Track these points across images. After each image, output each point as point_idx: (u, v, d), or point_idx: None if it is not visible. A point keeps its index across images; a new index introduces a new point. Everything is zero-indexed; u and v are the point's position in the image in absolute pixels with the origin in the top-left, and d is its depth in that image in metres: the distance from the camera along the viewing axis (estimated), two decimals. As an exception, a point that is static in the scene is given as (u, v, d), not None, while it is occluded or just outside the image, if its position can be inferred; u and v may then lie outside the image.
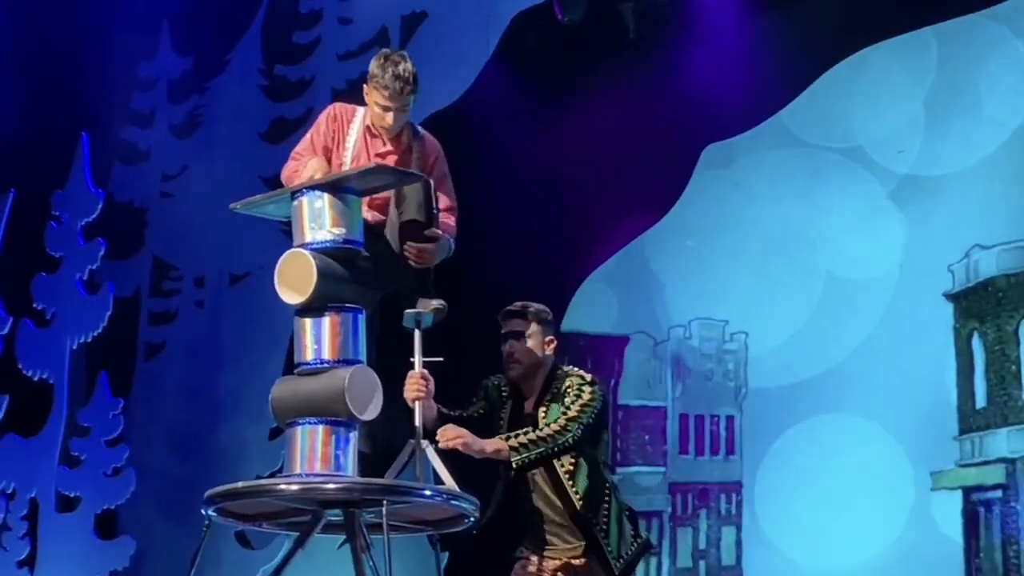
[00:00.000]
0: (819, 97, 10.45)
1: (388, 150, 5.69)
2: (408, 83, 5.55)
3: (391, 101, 5.57)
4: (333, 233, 5.24)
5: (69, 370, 11.61)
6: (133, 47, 12.17)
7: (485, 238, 10.77)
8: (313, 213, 5.26)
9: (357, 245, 5.31)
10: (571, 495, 5.54)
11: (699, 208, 10.73)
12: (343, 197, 5.28)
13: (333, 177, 5.36)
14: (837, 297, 10.09)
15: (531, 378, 5.72)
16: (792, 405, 10.16)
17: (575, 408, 5.52)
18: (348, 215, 5.29)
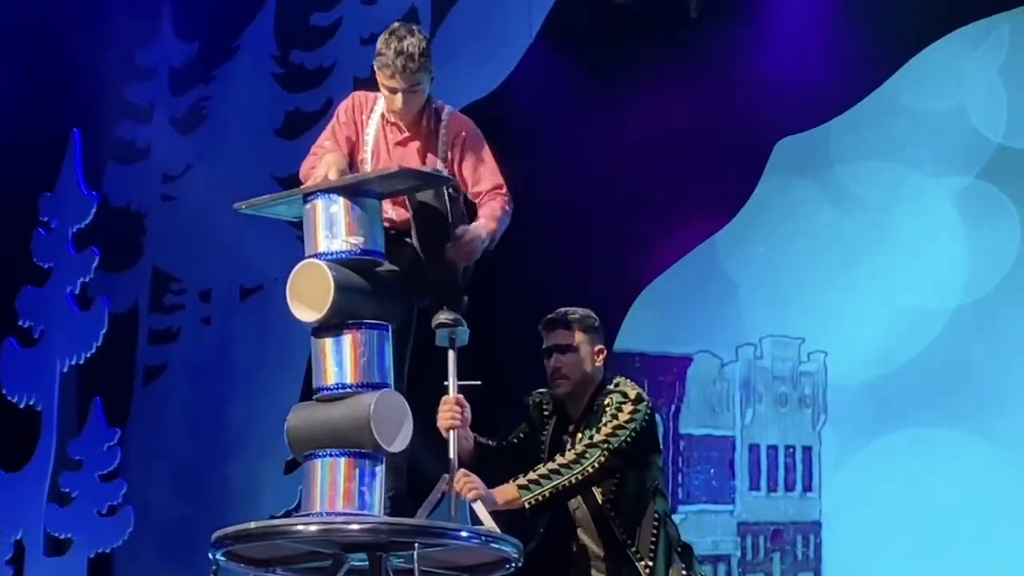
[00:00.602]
0: (908, 85, 10.45)
1: (407, 137, 5.70)
2: (412, 59, 5.51)
3: (396, 81, 5.54)
4: (350, 242, 5.24)
5: (59, 396, 11.64)
6: (130, 31, 12.20)
7: (528, 245, 10.77)
8: (328, 219, 5.26)
9: (377, 255, 5.31)
10: (613, 526, 5.53)
11: (771, 211, 10.73)
12: (361, 202, 5.28)
13: (351, 180, 5.36)
14: (931, 310, 10.07)
15: (581, 395, 5.70)
16: (879, 434, 10.15)
17: (605, 430, 5.49)
18: (367, 222, 5.29)
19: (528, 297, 10.41)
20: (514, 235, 10.51)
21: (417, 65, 5.51)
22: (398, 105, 5.60)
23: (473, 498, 5.27)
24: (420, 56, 5.52)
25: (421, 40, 5.57)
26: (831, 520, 10.34)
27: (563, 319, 5.77)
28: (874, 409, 10.21)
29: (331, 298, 5.11)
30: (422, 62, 5.54)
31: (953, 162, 10.24)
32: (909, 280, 10.19)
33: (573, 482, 5.38)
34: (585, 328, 5.75)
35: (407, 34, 5.55)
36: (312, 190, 5.34)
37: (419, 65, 5.52)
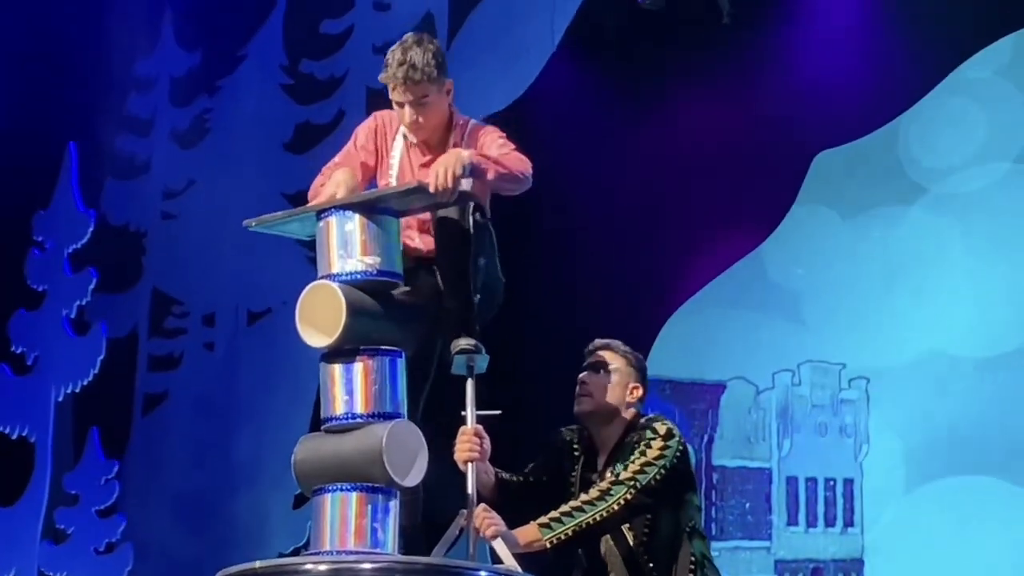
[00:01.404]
0: (957, 93, 10.45)
1: (430, 159, 5.60)
2: (415, 69, 5.46)
3: (401, 94, 5.50)
4: (365, 262, 5.21)
5: (54, 426, 11.67)
6: (129, 39, 12.27)
7: (551, 265, 10.80)
8: (343, 238, 5.23)
9: (395, 277, 5.28)
10: (647, 570, 5.51)
11: (810, 228, 10.72)
12: (379, 220, 5.25)
13: (368, 196, 5.35)
14: (979, 336, 10.05)
15: (604, 424, 5.67)
16: (924, 466, 10.12)
17: (633, 467, 5.46)
18: (384, 241, 5.25)
19: (553, 321, 10.44)
20: (538, 255, 10.58)
21: (420, 75, 5.46)
22: (408, 120, 5.57)
23: (492, 536, 5.25)
24: (425, 66, 5.47)
25: (428, 49, 5.51)
26: (874, 558, 10.32)
27: (609, 344, 5.80)
28: (920, 438, 10.19)
29: (343, 322, 5.07)
30: (427, 72, 5.48)
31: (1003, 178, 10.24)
32: (958, 299, 10.17)
33: (597, 519, 5.36)
34: (630, 362, 5.75)
35: (414, 44, 5.51)
36: (327, 206, 5.32)
37: (423, 75, 5.47)
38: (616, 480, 5.43)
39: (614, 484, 5.42)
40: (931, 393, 10.13)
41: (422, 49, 5.48)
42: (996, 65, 10.38)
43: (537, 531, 5.30)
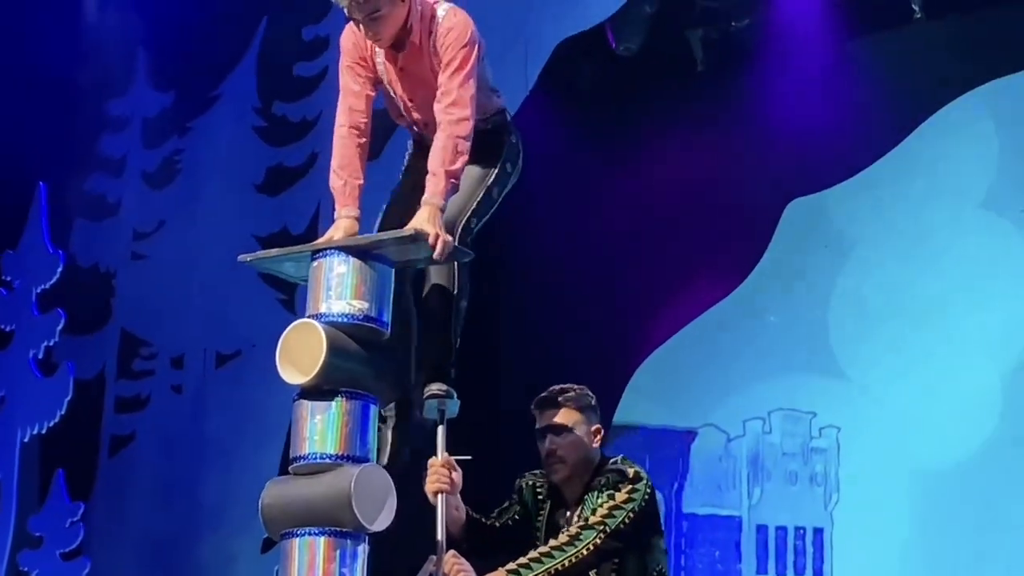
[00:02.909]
0: (927, 143, 10.50)
1: (404, 64, 5.54)
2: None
3: (353, 12, 5.38)
4: (353, 306, 5.21)
5: (19, 467, 11.63)
6: (101, 80, 12.27)
7: (523, 311, 10.80)
8: (333, 279, 5.23)
9: (380, 324, 5.26)
10: (614, 614, 5.51)
11: (782, 276, 10.76)
12: (373, 266, 5.25)
13: (365, 240, 5.33)
14: (952, 382, 10.07)
15: (578, 478, 5.67)
16: (894, 514, 10.13)
17: (601, 511, 5.44)
18: (375, 288, 5.25)
19: (526, 366, 10.44)
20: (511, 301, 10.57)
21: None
22: (366, 34, 5.47)
23: (461, 584, 5.25)
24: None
25: None
26: (845, 607, 10.34)
27: (556, 398, 5.70)
28: (890, 487, 10.20)
29: (322, 361, 5.06)
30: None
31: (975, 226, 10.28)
32: (930, 345, 10.20)
33: (567, 564, 5.34)
34: (581, 407, 5.70)
35: None
36: (322, 247, 5.31)
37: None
38: (585, 525, 5.42)
39: (583, 529, 5.41)
40: (902, 443, 10.16)
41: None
42: (967, 115, 10.44)
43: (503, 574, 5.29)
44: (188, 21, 11.88)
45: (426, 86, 5.51)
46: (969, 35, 10.50)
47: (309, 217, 10.95)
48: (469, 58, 5.44)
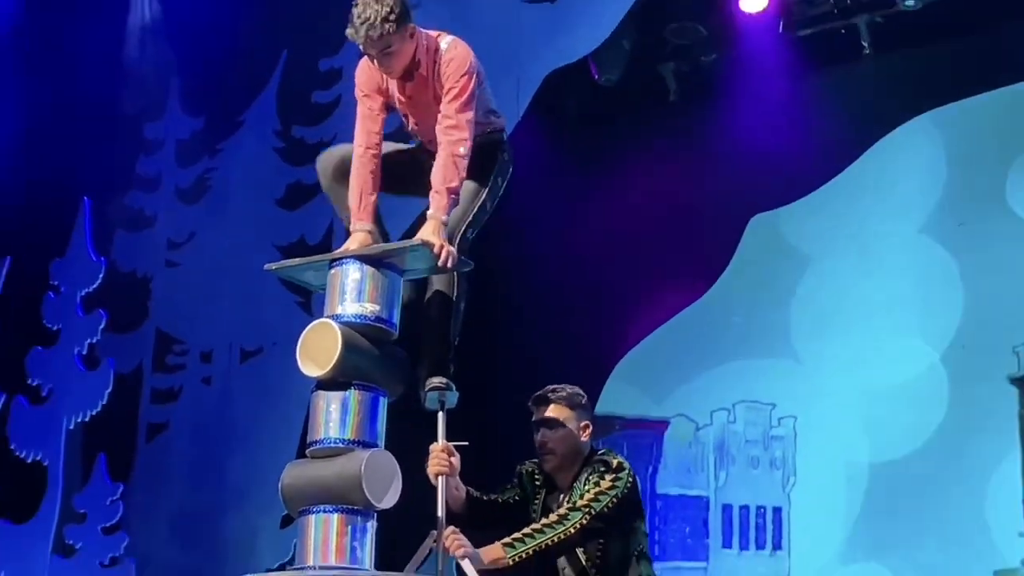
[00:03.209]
0: (874, 165, 10.50)
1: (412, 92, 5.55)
2: (374, 27, 5.27)
3: (368, 48, 5.37)
4: (366, 308, 5.22)
5: (65, 451, 11.58)
6: (139, 107, 12.26)
7: (515, 314, 10.80)
8: (349, 285, 5.25)
9: (389, 325, 5.28)
10: (599, 592, 5.51)
11: (745, 282, 10.75)
12: (384, 273, 5.27)
13: (378, 250, 5.34)
14: (894, 379, 10.08)
15: (567, 468, 5.66)
16: (846, 496, 10.12)
17: (588, 496, 5.43)
18: (385, 293, 5.27)
19: (518, 362, 10.43)
20: (505, 306, 10.57)
21: (380, 31, 5.29)
22: (379, 67, 5.46)
23: (461, 556, 5.21)
24: (382, 21, 5.29)
25: (385, 5, 5.29)
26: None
27: (549, 396, 5.69)
28: (842, 471, 10.20)
29: (337, 356, 5.08)
30: (386, 28, 5.29)
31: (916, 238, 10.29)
32: (877, 345, 10.20)
33: (555, 540, 5.33)
34: (572, 405, 5.68)
35: (372, 1, 5.31)
36: (340, 257, 5.33)
37: (382, 31, 5.29)
38: (573, 507, 5.40)
39: (571, 510, 5.39)
40: (853, 430, 10.15)
41: (380, 4, 5.30)
42: (910, 140, 10.45)
43: (501, 550, 5.27)
44: (216, 54, 11.87)
45: (431, 111, 5.50)
46: (912, 69, 10.51)
47: (324, 228, 10.92)
48: (468, 86, 5.43)
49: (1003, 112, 10.18)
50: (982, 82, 10.21)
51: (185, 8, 12.07)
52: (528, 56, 10.76)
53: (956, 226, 10.17)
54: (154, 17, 12.31)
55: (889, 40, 10.58)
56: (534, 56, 10.78)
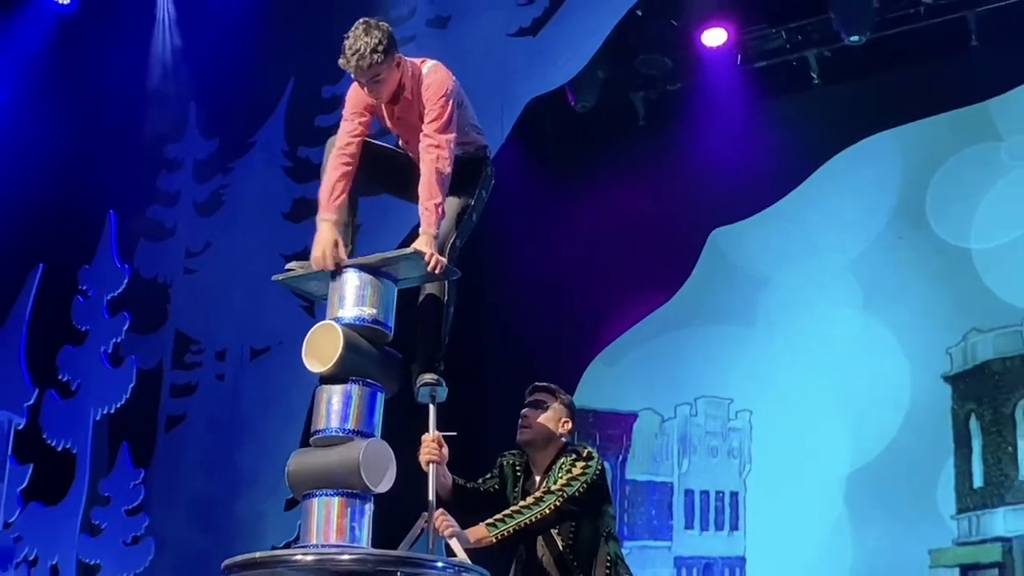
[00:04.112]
0: (823, 183, 10.51)
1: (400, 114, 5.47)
2: (363, 58, 5.20)
3: (359, 76, 5.30)
4: (364, 311, 5.18)
5: (92, 440, 11.54)
6: (161, 128, 12.24)
7: (499, 316, 10.78)
8: (348, 290, 5.21)
9: (385, 327, 5.23)
10: (572, 568, 5.45)
11: (706, 289, 10.76)
12: (382, 281, 5.23)
13: (375, 259, 5.28)
14: (840, 377, 10.08)
15: (540, 449, 5.60)
16: (795, 481, 10.12)
17: (561, 481, 5.39)
18: (382, 298, 5.22)
19: (501, 361, 10.42)
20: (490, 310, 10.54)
21: (369, 62, 5.22)
22: (368, 93, 5.39)
23: (449, 535, 5.18)
24: (371, 52, 5.21)
25: (374, 36, 5.23)
26: (754, 556, 10.30)
27: (546, 387, 5.69)
28: (792, 459, 10.20)
29: (339, 354, 5.03)
30: (374, 58, 5.21)
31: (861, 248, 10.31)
32: (823, 348, 10.22)
33: (533, 520, 5.29)
34: (563, 402, 5.65)
35: (362, 33, 5.25)
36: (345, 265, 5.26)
37: (371, 61, 5.22)
38: (548, 491, 5.37)
39: (546, 493, 5.36)
40: (804, 423, 10.16)
41: (369, 37, 5.23)
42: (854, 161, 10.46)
43: (485, 529, 5.23)
44: (230, 82, 11.84)
45: (416, 129, 5.42)
46: (856, 97, 10.55)
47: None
48: (447, 108, 5.36)
49: (936, 137, 10.21)
50: (918, 110, 10.26)
51: (202, 40, 12.04)
52: (512, 84, 10.76)
53: (896, 239, 10.20)
54: (174, 49, 12.28)
55: (835, 72, 10.62)
56: (517, 84, 10.78)
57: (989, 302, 9.75)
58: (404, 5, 11.35)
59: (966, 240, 9.92)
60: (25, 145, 12.04)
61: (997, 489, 9.52)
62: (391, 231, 8.40)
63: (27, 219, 11.69)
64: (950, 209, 10.04)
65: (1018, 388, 9.65)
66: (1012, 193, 9.81)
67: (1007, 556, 9.39)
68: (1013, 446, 9.57)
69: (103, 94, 12.03)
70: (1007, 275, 9.70)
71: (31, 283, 11.75)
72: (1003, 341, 9.72)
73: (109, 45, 12.05)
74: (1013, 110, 9.94)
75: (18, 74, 12.26)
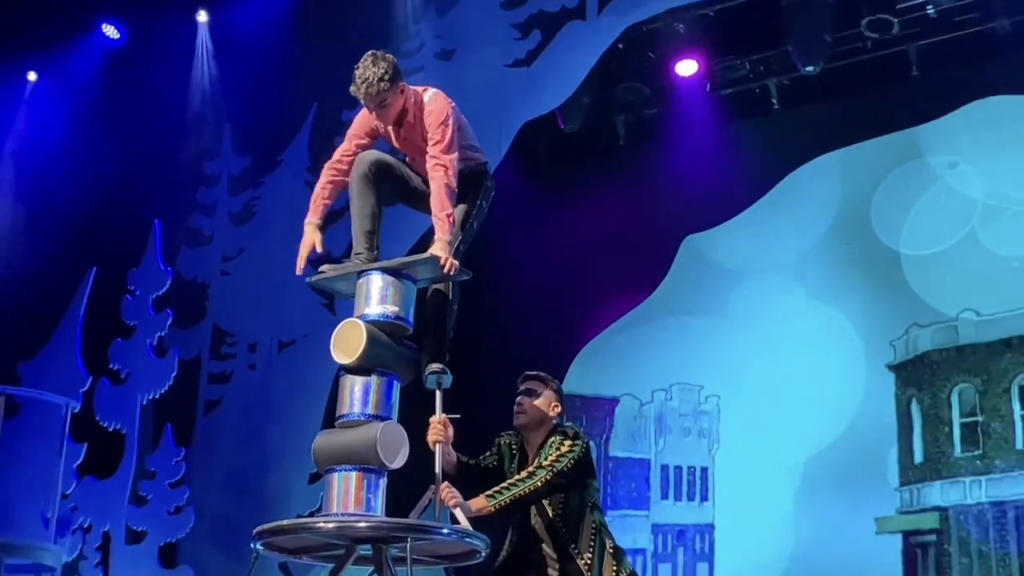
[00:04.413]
0: (782, 196, 10.51)
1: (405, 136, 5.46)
2: (371, 85, 5.20)
3: (367, 102, 5.31)
4: (387, 309, 5.19)
5: (139, 422, 11.53)
6: (200, 148, 12.24)
7: (497, 313, 10.79)
8: (372, 290, 5.22)
9: (405, 323, 5.25)
10: (561, 535, 5.47)
11: (679, 290, 10.75)
12: (402, 282, 5.24)
13: (396, 262, 5.30)
14: (797, 366, 10.09)
15: (534, 430, 5.60)
16: (759, 459, 10.13)
17: (551, 457, 5.38)
18: (402, 297, 5.23)
19: (499, 352, 10.41)
20: (490, 308, 10.55)
21: (376, 89, 5.21)
22: (376, 117, 5.39)
23: (453, 505, 5.18)
24: (379, 81, 5.19)
25: (380, 65, 5.22)
26: (721, 523, 10.30)
27: (537, 375, 5.68)
28: (754, 438, 10.21)
29: (362, 348, 5.05)
30: (381, 86, 5.20)
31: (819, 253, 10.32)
32: (783, 340, 10.22)
33: (527, 491, 5.29)
34: (553, 389, 5.65)
35: (370, 63, 5.25)
36: (366, 269, 5.29)
37: (378, 88, 5.21)
38: (539, 466, 5.37)
39: (538, 468, 5.36)
40: (766, 407, 10.16)
41: (376, 67, 5.22)
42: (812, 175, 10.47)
43: (485, 500, 5.23)
44: (261, 107, 11.85)
45: (420, 149, 5.42)
46: (812, 121, 10.55)
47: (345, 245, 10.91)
48: (447, 131, 5.34)
49: (882, 155, 10.22)
50: (866, 132, 10.27)
51: (236, 70, 12.04)
52: (508, 109, 10.76)
53: (846, 244, 10.20)
54: (211, 78, 12.27)
55: (793, 98, 10.63)
56: (513, 109, 10.78)
57: (925, 300, 9.77)
58: (414, 40, 11.35)
59: (902, 246, 9.95)
60: (81, 163, 12.05)
61: (935, 464, 9.53)
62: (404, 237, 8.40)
63: (82, 228, 11.71)
64: (890, 218, 10.06)
65: (953, 376, 9.65)
66: (943, 205, 9.83)
67: (944, 523, 9.40)
68: (949, 427, 9.58)
69: (149, 118, 12.04)
70: (939, 276, 9.73)
71: (86, 284, 11.74)
72: (940, 335, 9.73)
73: (154, 75, 12.06)
74: (951, 132, 9.96)
75: (75, 101, 12.28)
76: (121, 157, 11.87)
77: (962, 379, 9.59)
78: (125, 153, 11.89)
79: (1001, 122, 9.75)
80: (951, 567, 9.28)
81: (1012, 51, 9.76)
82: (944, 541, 9.36)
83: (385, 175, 5.50)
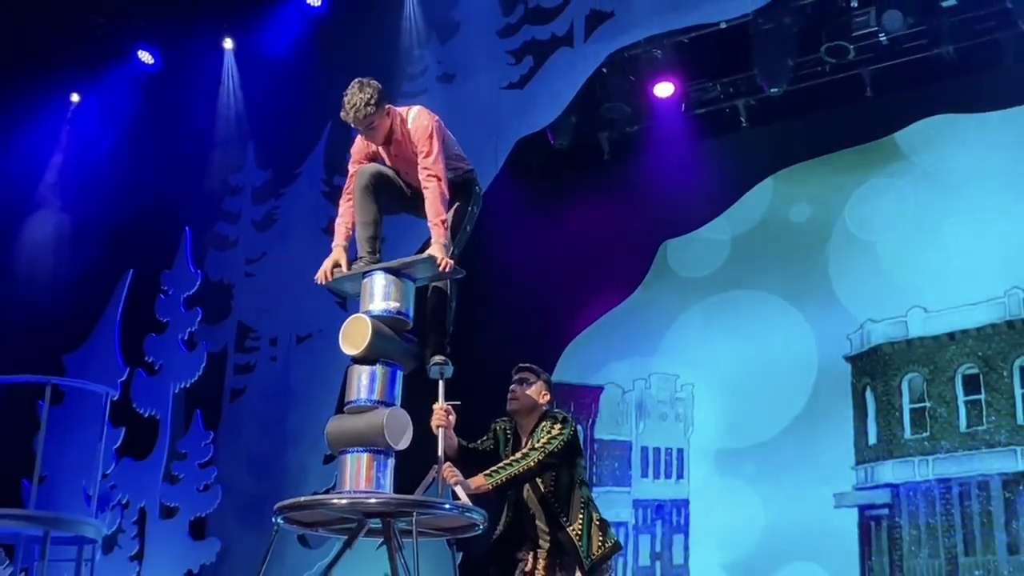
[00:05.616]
0: (750, 205, 10.52)
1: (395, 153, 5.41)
2: (358, 110, 5.14)
3: (357, 125, 5.26)
4: (389, 305, 5.18)
5: (172, 408, 11.54)
6: (226, 162, 12.23)
7: (495, 311, 10.78)
8: (376, 288, 5.21)
9: (406, 317, 5.23)
10: (553, 508, 5.46)
11: (657, 290, 10.76)
12: (402, 280, 5.22)
13: (396, 263, 5.28)
14: (764, 358, 10.10)
15: (526, 416, 5.59)
16: (729, 441, 10.13)
17: (542, 439, 5.38)
18: (403, 294, 5.21)
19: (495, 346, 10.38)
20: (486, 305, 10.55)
21: (364, 113, 5.17)
22: (366, 138, 5.35)
23: (454, 483, 5.17)
24: (365, 105, 5.14)
25: (366, 91, 5.16)
26: (696, 499, 10.31)
27: (530, 367, 5.67)
28: (725, 422, 10.21)
29: (368, 340, 5.04)
30: (368, 110, 5.15)
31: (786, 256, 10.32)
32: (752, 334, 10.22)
33: (521, 471, 5.28)
34: (544, 380, 5.64)
35: (357, 90, 5.21)
36: (368, 270, 5.27)
37: (365, 112, 5.15)
38: (532, 448, 5.36)
39: (531, 450, 5.35)
40: (735, 394, 10.16)
41: (363, 93, 5.18)
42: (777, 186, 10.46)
43: (483, 478, 5.22)
44: (281, 124, 11.84)
45: (412, 163, 5.38)
46: (776, 137, 10.55)
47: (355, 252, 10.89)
48: (433, 144, 5.30)
49: (839, 168, 10.23)
50: (826, 148, 10.28)
51: (259, 93, 12.04)
52: (504, 127, 10.77)
53: (807, 248, 10.20)
54: (236, 99, 12.27)
55: (760, 117, 10.63)
56: (508, 127, 10.78)
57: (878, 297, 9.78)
58: (418, 64, 11.35)
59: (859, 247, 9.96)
60: (119, 176, 12.06)
61: (887, 446, 9.55)
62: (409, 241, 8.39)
63: (120, 234, 11.71)
64: (850, 223, 10.06)
65: (903, 366, 9.67)
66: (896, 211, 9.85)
67: (895, 498, 9.42)
68: (900, 412, 9.59)
69: (180, 135, 12.03)
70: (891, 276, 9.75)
71: (123, 285, 11.74)
72: (891, 329, 9.75)
73: (185, 96, 12.06)
74: (901, 147, 9.99)
75: (114, 120, 12.28)
76: (155, 171, 11.86)
77: (911, 369, 9.60)
78: (159, 167, 11.88)
79: (946, 138, 9.76)
80: (902, 537, 9.29)
81: (956, 75, 9.77)
82: (896, 514, 9.38)
83: (384, 186, 5.47)
